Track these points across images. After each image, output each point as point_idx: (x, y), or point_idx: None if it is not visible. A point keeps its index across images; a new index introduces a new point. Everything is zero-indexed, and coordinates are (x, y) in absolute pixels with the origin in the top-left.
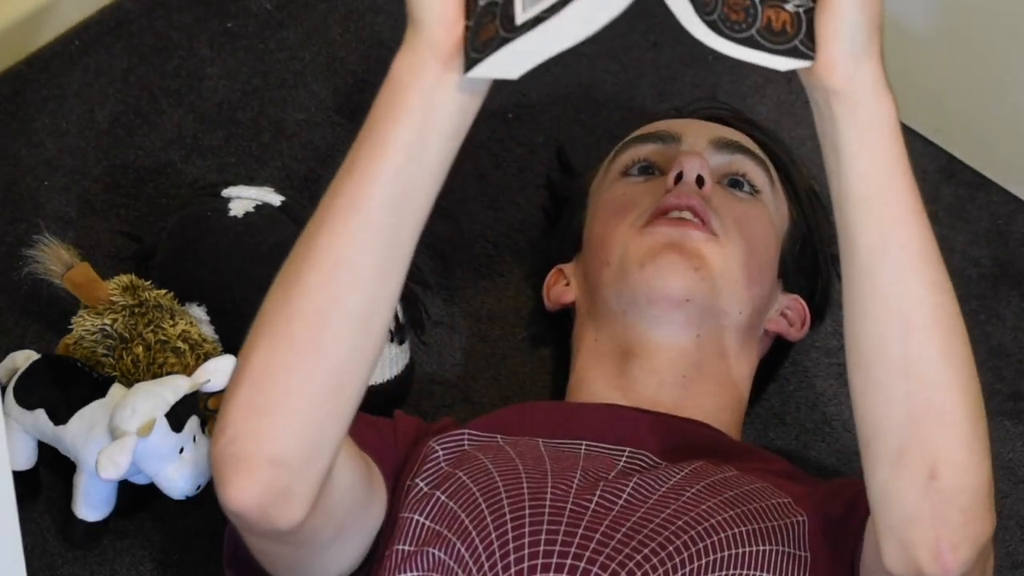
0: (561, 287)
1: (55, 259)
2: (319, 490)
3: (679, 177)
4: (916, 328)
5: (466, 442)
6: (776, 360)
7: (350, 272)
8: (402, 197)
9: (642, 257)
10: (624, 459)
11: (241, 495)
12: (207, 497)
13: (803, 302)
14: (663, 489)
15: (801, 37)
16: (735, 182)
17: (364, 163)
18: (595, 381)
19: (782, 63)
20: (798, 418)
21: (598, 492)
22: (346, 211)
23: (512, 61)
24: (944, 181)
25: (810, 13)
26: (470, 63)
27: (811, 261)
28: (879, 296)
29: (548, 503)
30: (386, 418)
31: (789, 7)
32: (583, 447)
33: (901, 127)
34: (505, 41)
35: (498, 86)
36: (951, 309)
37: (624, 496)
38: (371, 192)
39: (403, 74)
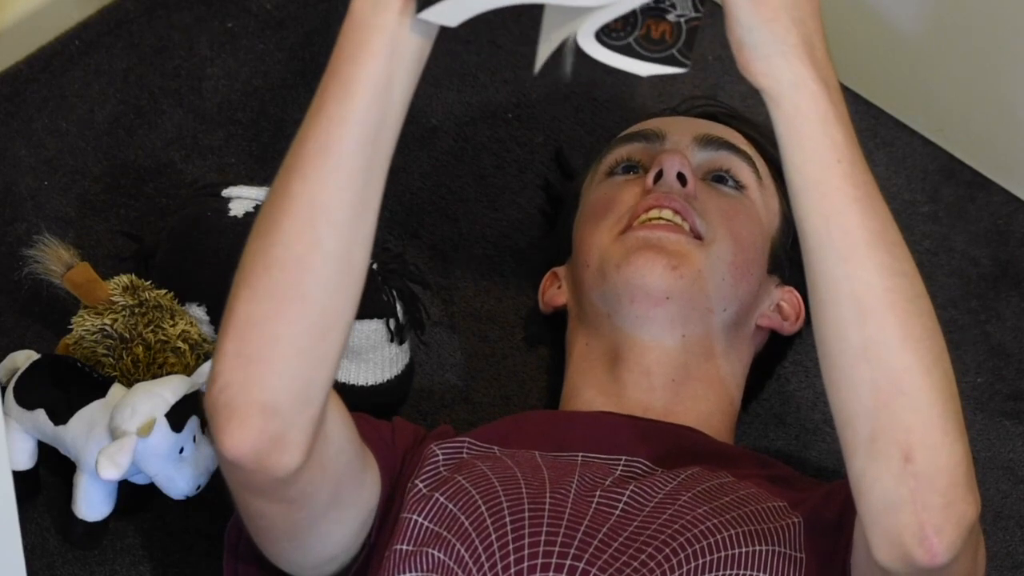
0: (554, 290)
1: (55, 259)
2: (313, 437)
3: (659, 176)
4: (870, 312)
5: (465, 451)
6: (774, 355)
7: (326, 215)
8: (372, 136)
9: (619, 258)
10: (620, 467)
11: (235, 443)
12: (207, 497)
13: (798, 295)
14: (660, 495)
15: (679, 46)
16: (719, 178)
17: (332, 106)
18: (587, 388)
19: (652, 69)
20: (798, 418)
21: (596, 497)
22: (318, 155)
23: (454, 10)
24: (944, 181)
25: (692, 23)
26: (420, 4)
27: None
28: (831, 282)
29: (547, 506)
30: (385, 421)
31: (671, 17)
32: (580, 457)
33: (900, 127)
34: None
35: (499, 86)
36: (908, 292)
37: (622, 503)
38: (341, 134)
39: (366, 14)
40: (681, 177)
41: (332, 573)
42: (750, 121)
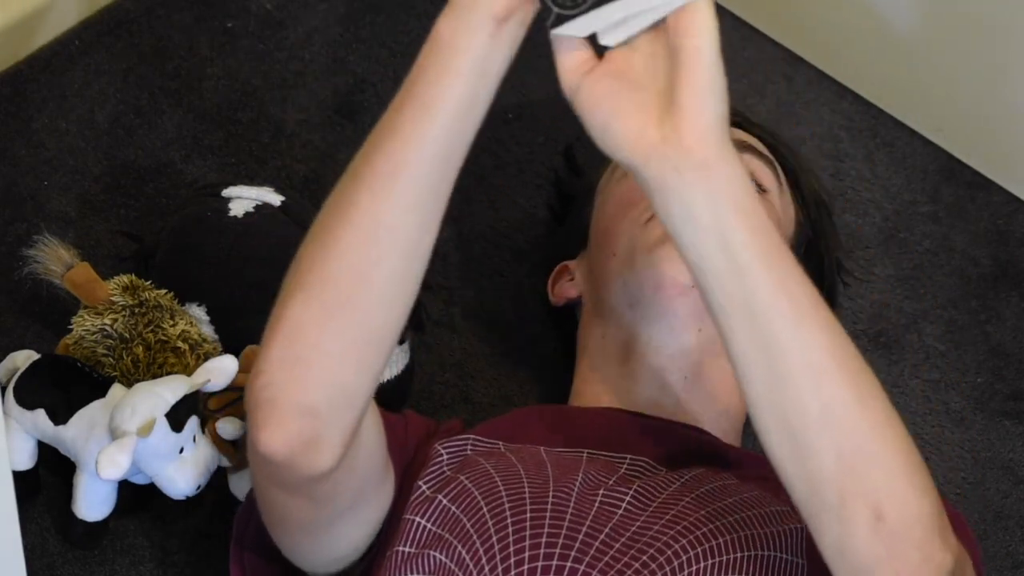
0: (565, 282)
1: (55, 259)
2: (348, 442)
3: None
4: (825, 375)
5: (469, 448)
6: None
7: (390, 233)
8: (447, 157)
9: (650, 244)
10: (625, 466)
11: (271, 440)
12: (207, 497)
13: None
14: (663, 496)
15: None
16: None
17: (410, 126)
18: (598, 383)
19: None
20: None
21: (599, 497)
22: (390, 174)
23: (608, 22)
24: (944, 181)
25: None
26: (556, 19)
27: (816, 266)
28: (784, 353)
29: (549, 507)
30: (397, 414)
31: None
32: (585, 454)
33: (900, 127)
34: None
35: (499, 85)
36: (849, 347)
37: (625, 502)
38: (418, 155)
39: (453, 37)
40: None
41: (338, 571)
42: (767, 128)
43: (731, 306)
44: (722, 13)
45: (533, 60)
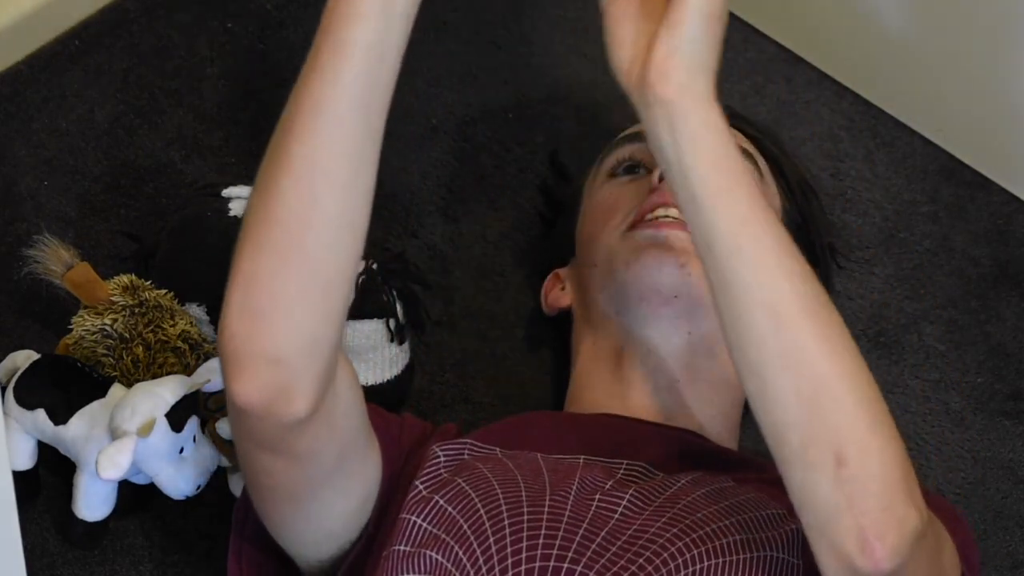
0: (557, 292)
1: (55, 259)
2: (321, 389)
3: (664, 175)
4: (786, 318)
5: (466, 453)
6: None
7: (323, 174)
8: (367, 95)
9: (628, 256)
10: (622, 471)
11: (244, 391)
12: (207, 497)
13: None
14: (660, 499)
15: None
16: None
17: (327, 68)
18: (593, 389)
19: None
20: None
21: (596, 501)
22: (313, 115)
23: None
24: (944, 181)
25: None
26: None
27: (807, 251)
28: (744, 295)
29: (546, 510)
30: (395, 415)
31: None
32: (581, 460)
33: (900, 127)
34: None
35: (499, 86)
36: (818, 297)
37: (621, 506)
38: (336, 94)
39: None
40: None
41: (328, 557)
42: (749, 119)
43: (696, 236)
44: None
45: (533, 60)
